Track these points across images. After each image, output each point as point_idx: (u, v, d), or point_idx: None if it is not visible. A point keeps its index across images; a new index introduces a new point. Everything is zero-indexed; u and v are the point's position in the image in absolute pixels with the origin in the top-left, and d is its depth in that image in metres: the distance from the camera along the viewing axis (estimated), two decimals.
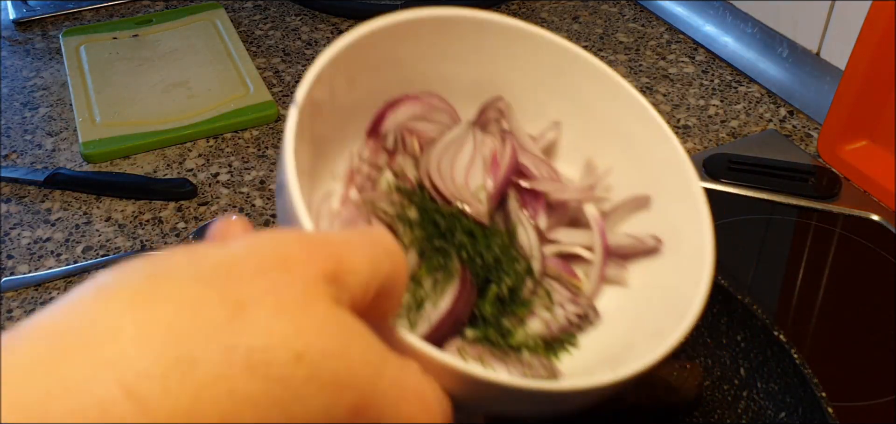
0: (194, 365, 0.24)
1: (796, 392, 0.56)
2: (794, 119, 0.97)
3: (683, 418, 0.61)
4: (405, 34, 0.44)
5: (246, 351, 0.24)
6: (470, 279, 0.43)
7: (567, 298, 0.46)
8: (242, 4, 1.22)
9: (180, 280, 0.26)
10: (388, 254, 0.31)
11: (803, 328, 0.71)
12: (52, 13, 1.18)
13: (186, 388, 0.23)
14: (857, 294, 0.74)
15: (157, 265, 0.26)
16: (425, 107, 0.47)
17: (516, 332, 0.44)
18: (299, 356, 0.25)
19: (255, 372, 0.24)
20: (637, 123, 0.46)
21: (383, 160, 0.47)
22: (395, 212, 0.45)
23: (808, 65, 0.98)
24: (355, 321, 0.29)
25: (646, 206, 0.47)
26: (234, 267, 0.27)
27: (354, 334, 0.28)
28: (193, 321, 0.24)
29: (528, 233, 0.46)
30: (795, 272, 0.76)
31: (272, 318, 0.25)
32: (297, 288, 0.27)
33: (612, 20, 1.18)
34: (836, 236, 0.80)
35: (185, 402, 0.23)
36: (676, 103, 1.00)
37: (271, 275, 0.27)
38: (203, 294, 0.25)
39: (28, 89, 1.03)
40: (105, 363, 0.23)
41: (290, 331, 0.26)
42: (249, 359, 0.24)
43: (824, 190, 0.84)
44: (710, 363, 0.63)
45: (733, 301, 0.61)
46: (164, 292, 0.25)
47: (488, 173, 0.46)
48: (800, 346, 0.57)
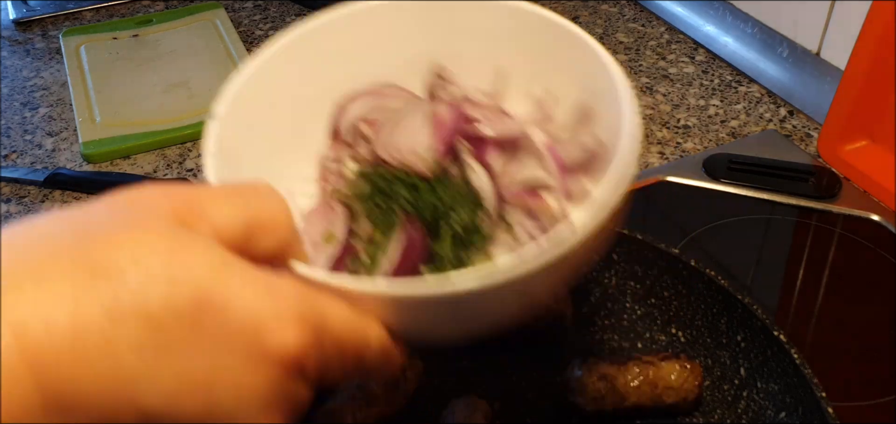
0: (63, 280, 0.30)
1: (796, 392, 0.56)
2: (794, 119, 0.97)
3: (683, 418, 0.61)
4: (344, 27, 0.50)
5: (93, 263, 0.30)
6: (417, 226, 0.47)
7: (531, 223, 0.49)
8: (242, 4, 1.22)
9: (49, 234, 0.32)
10: (257, 195, 0.36)
11: (803, 328, 0.71)
12: (52, 13, 1.18)
13: (66, 304, 0.30)
14: (857, 294, 0.74)
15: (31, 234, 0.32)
16: (376, 97, 0.52)
17: (478, 261, 0.48)
18: (135, 260, 0.31)
19: (104, 277, 0.30)
20: (571, 50, 0.49)
21: (346, 154, 0.52)
22: (353, 192, 0.50)
23: (808, 65, 0.98)
24: (202, 238, 0.33)
25: (591, 116, 0.49)
26: (92, 212, 0.34)
27: (194, 244, 0.33)
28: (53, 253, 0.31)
29: (479, 174, 0.50)
30: (795, 272, 0.76)
31: (117, 238, 0.31)
32: (143, 216, 0.33)
33: (612, 20, 1.18)
34: (836, 236, 0.80)
35: (62, 314, 0.30)
36: (676, 103, 1.00)
37: (123, 210, 0.33)
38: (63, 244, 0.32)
39: (28, 89, 1.03)
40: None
41: (130, 243, 0.31)
42: (94, 269, 0.30)
43: (824, 190, 0.84)
44: (710, 363, 0.63)
45: (733, 301, 0.61)
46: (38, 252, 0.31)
47: (437, 132, 0.50)
48: (800, 346, 0.57)
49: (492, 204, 0.49)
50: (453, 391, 0.63)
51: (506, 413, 0.62)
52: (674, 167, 0.88)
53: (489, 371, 0.65)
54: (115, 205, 0.34)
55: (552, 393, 0.63)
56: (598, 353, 0.66)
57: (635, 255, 0.66)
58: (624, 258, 0.66)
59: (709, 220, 0.81)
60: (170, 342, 0.31)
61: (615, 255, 0.67)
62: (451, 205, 0.48)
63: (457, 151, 0.51)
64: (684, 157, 0.91)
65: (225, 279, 0.32)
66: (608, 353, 0.66)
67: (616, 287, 0.67)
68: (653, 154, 0.91)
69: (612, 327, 0.67)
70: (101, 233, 0.32)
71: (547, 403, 0.62)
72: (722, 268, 0.76)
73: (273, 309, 0.33)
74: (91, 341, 0.30)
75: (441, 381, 0.64)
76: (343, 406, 0.57)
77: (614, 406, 0.59)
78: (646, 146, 0.92)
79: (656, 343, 0.65)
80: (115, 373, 0.30)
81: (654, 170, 0.88)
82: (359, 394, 0.58)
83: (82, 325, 0.30)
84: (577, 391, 0.59)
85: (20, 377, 0.29)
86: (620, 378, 0.59)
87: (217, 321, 0.32)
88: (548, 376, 0.64)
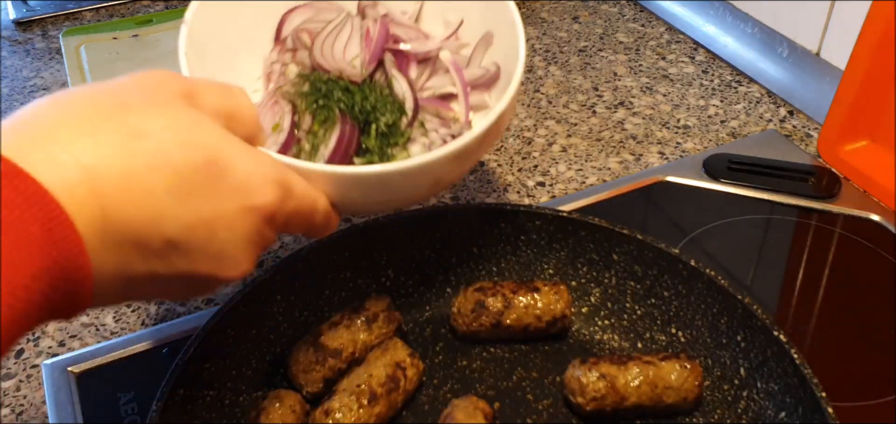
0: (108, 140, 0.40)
1: (796, 392, 0.56)
2: (794, 119, 0.97)
3: (683, 418, 0.61)
4: None
5: (135, 127, 0.41)
6: (350, 122, 0.60)
7: (440, 125, 0.63)
8: None
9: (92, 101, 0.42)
10: (234, 93, 0.49)
11: (803, 328, 0.71)
12: (53, 13, 1.18)
13: (116, 154, 0.40)
14: (857, 294, 0.74)
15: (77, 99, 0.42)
16: (314, 10, 0.65)
17: (399, 155, 0.61)
18: (165, 127, 0.42)
19: (144, 138, 0.41)
20: None
21: (288, 58, 0.65)
22: (295, 91, 0.62)
23: (808, 65, 0.98)
24: (207, 117, 0.45)
25: (491, 42, 0.64)
26: (123, 86, 0.44)
27: (204, 121, 0.44)
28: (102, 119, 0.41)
29: (401, 84, 0.63)
30: (795, 271, 0.76)
31: (148, 109, 0.43)
32: (162, 94, 0.44)
33: (612, 20, 1.18)
34: (836, 236, 0.80)
35: (118, 158, 0.40)
36: (676, 103, 1.00)
37: (147, 88, 0.44)
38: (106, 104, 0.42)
39: (28, 89, 1.03)
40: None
41: (158, 114, 0.43)
42: (137, 131, 0.41)
43: (824, 190, 0.84)
44: (710, 363, 0.63)
45: (733, 301, 0.61)
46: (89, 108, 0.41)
47: (364, 46, 0.64)
48: (800, 346, 0.57)
49: (411, 107, 0.62)
50: (453, 391, 0.63)
51: (506, 413, 0.62)
52: (674, 167, 0.88)
53: (489, 370, 0.65)
54: (143, 83, 0.44)
55: (552, 393, 0.63)
56: (598, 353, 0.66)
57: (635, 255, 0.66)
58: (624, 258, 0.66)
59: (709, 220, 0.81)
60: (190, 189, 0.42)
61: (615, 255, 0.67)
62: (377, 107, 0.61)
63: (383, 61, 0.64)
64: (684, 157, 0.91)
65: (228, 148, 0.44)
66: (608, 353, 0.66)
67: (616, 287, 0.67)
68: (653, 154, 0.91)
69: (612, 327, 0.67)
70: (136, 105, 0.42)
71: (547, 403, 0.62)
72: (722, 268, 0.76)
73: (259, 175, 0.46)
74: (136, 183, 0.40)
75: (441, 381, 0.64)
76: (343, 406, 0.57)
77: (614, 406, 0.59)
78: (646, 146, 0.92)
79: (656, 343, 0.65)
80: (151, 209, 0.41)
81: (654, 170, 0.88)
82: (359, 394, 0.58)
83: (131, 172, 0.40)
84: (577, 391, 0.59)
85: (88, 204, 0.38)
86: (620, 378, 0.59)
87: (221, 179, 0.44)
88: (548, 376, 0.64)
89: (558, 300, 0.65)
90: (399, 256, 0.69)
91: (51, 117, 0.40)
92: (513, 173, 0.89)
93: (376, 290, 0.68)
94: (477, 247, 0.70)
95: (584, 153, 0.91)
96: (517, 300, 0.64)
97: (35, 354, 0.69)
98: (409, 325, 0.68)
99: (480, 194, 0.86)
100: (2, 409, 0.65)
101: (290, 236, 0.79)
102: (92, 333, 0.71)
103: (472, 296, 0.65)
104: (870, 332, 0.70)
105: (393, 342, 0.62)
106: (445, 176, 0.56)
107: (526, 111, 0.98)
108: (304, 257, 0.64)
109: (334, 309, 0.67)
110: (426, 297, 0.69)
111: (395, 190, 0.54)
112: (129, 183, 0.40)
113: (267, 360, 0.63)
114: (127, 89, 0.44)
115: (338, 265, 0.67)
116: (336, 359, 0.61)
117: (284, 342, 0.64)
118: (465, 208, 0.69)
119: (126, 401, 0.63)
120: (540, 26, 1.16)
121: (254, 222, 0.46)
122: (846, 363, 0.67)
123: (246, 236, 0.46)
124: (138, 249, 0.41)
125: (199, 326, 0.58)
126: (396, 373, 0.59)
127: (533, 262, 0.70)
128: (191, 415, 0.57)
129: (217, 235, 0.44)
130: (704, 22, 1.11)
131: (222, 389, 0.60)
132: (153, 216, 0.41)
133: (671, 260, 0.64)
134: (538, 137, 0.94)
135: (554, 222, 0.68)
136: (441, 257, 0.70)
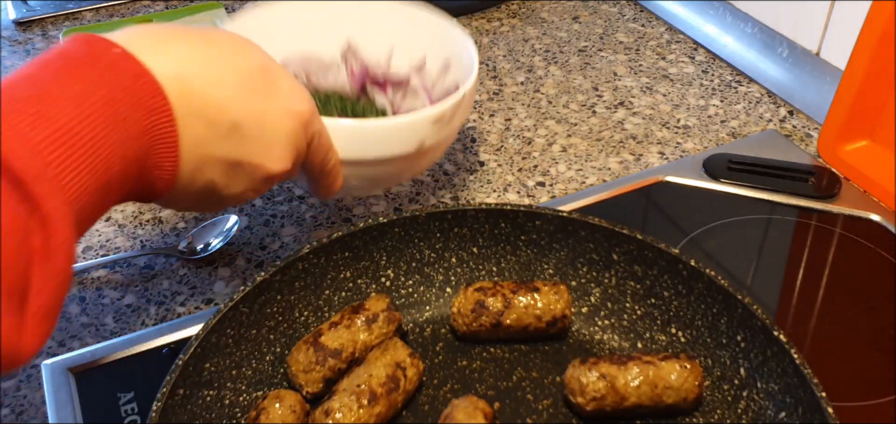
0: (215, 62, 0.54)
1: (796, 392, 0.56)
2: (794, 119, 0.97)
3: (683, 418, 0.61)
4: (292, 10, 0.81)
5: (207, 40, 0.55)
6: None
7: None
8: (242, 4, 1.22)
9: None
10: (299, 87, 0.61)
11: (803, 328, 0.71)
12: (52, 13, 1.18)
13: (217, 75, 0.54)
14: (857, 294, 0.74)
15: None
16: (306, 59, 0.81)
17: None
18: (233, 41, 0.56)
19: (216, 48, 0.54)
20: (437, 28, 0.80)
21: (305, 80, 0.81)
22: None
23: (808, 65, 0.98)
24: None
25: (449, 68, 0.78)
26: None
27: (258, 46, 0.58)
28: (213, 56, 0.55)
29: (382, 98, 0.79)
30: (795, 271, 0.76)
31: (218, 31, 0.58)
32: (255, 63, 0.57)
33: (612, 20, 1.18)
34: (836, 236, 0.80)
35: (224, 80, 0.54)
36: (676, 103, 1.00)
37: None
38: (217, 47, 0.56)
39: None
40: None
41: (227, 34, 0.57)
42: (209, 44, 0.54)
43: (824, 190, 0.84)
44: (710, 363, 0.63)
45: (733, 301, 0.61)
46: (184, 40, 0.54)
47: (351, 77, 0.81)
48: (800, 346, 0.57)
49: (391, 114, 0.79)
50: (453, 391, 0.63)
51: (506, 413, 0.62)
52: (674, 167, 0.88)
53: (489, 370, 0.65)
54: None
55: (552, 393, 0.63)
56: (598, 353, 0.66)
57: (635, 255, 0.66)
58: (624, 258, 0.66)
59: (709, 220, 0.81)
60: (250, 86, 0.54)
61: (615, 255, 0.67)
62: (366, 110, 0.78)
63: (366, 89, 0.81)
64: (684, 157, 0.91)
65: (277, 67, 0.58)
66: (608, 353, 0.66)
67: (616, 287, 0.67)
68: (653, 154, 0.91)
69: (612, 327, 0.67)
70: (209, 30, 0.56)
71: (547, 403, 0.62)
72: (722, 268, 0.76)
73: (299, 89, 0.58)
74: (212, 73, 0.53)
75: (441, 381, 0.64)
76: (343, 406, 0.57)
77: (614, 406, 0.59)
78: (646, 146, 0.92)
79: (656, 343, 0.65)
80: (224, 98, 0.53)
81: (654, 170, 0.88)
82: (359, 394, 0.58)
83: (209, 65, 0.53)
84: (577, 391, 0.59)
85: (178, 84, 0.50)
86: (620, 378, 0.59)
87: (272, 84, 0.56)
88: (548, 376, 0.64)
89: (558, 300, 0.65)
90: (399, 256, 0.69)
91: (150, 31, 0.52)
92: (513, 173, 0.89)
93: (376, 290, 0.68)
94: (477, 247, 0.70)
95: (584, 153, 0.91)
96: (517, 300, 0.65)
97: None
98: (409, 325, 0.68)
99: (480, 194, 0.86)
100: (2, 409, 0.65)
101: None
102: (92, 333, 0.71)
103: (472, 296, 0.65)
104: (870, 332, 0.70)
105: (393, 342, 0.62)
106: (427, 140, 0.68)
107: (526, 111, 0.98)
108: (304, 257, 0.64)
109: (334, 309, 0.67)
110: (426, 297, 0.69)
111: (386, 146, 0.66)
112: (206, 73, 0.52)
113: (267, 360, 0.63)
114: (197, 27, 0.58)
115: (338, 265, 0.67)
116: (336, 359, 0.61)
117: (284, 342, 0.64)
118: (465, 208, 0.69)
119: (126, 401, 0.63)
120: (540, 26, 1.16)
121: (293, 124, 0.57)
122: (846, 363, 0.67)
123: (286, 134, 0.56)
124: (211, 127, 0.52)
125: (199, 326, 0.58)
126: (396, 373, 0.59)
127: (533, 262, 0.70)
128: (191, 415, 0.57)
129: (266, 126, 0.55)
130: (704, 22, 1.11)
131: (222, 389, 0.60)
132: (223, 100, 0.53)
133: (671, 260, 0.64)
134: (538, 137, 0.94)
135: (554, 222, 0.68)
136: (441, 257, 0.70)
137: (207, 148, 0.53)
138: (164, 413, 0.53)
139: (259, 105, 0.55)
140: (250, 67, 0.55)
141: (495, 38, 1.14)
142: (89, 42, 0.47)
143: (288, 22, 0.80)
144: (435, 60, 0.79)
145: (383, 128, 0.67)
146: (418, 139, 0.67)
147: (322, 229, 0.81)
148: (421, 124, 0.67)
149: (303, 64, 0.80)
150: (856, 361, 0.68)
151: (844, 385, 0.65)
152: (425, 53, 0.80)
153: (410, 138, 0.67)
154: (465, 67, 0.74)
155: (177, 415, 0.55)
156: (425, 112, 0.67)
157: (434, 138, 0.69)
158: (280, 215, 0.83)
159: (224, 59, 0.54)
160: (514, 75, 1.06)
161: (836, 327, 0.71)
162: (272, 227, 0.82)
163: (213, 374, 0.59)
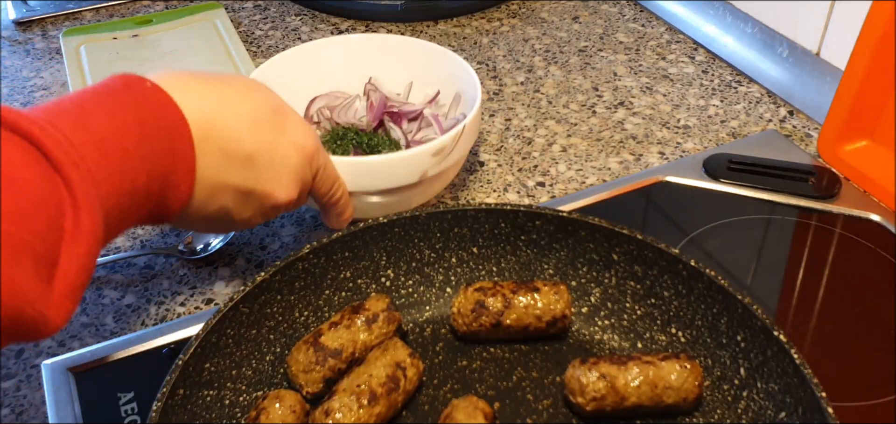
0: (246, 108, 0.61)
1: (796, 392, 0.56)
2: (794, 119, 0.97)
3: (683, 418, 0.61)
4: (316, 51, 0.88)
5: (227, 83, 0.61)
6: (360, 152, 0.82)
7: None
8: (242, 4, 1.22)
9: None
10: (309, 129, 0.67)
11: (803, 328, 0.71)
12: (52, 13, 1.18)
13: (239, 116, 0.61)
14: (857, 294, 0.74)
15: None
16: (332, 97, 0.88)
17: None
18: (247, 84, 0.64)
19: (237, 91, 0.62)
20: (447, 64, 0.86)
21: (314, 129, 0.82)
22: (321, 138, 0.83)
23: (808, 65, 0.98)
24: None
25: (460, 101, 0.84)
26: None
27: (270, 89, 0.65)
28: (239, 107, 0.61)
29: (397, 131, 0.85)
30: (795, 271, 0.76)
31: (235, 75, 0.65)
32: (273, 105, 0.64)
33: (612, 20, 1.18)
34: (836, 236, 0.80)
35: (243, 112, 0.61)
36: (676, 103, 1.00)
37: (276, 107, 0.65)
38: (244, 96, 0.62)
39: (28, 89, 1.04)
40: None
41: (242, 78, 0.65)
42: (230, 88, 0.61)
43: (824, 190, 0.84)
44: (710, 363, 0.63)
45: (733, 301, 0.61)
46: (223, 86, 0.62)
47: (369, 111, 0.87)
48: (800, 346, 0.57)
49: (404, 146, 0.84)
50: (453, 391, 0.63)
51: (506, 413, 0.62)
52: (674, 167, 0.88)
53: (489, 370, 0.65)
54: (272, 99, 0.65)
55: (552, 393, 0.63)
56: (598, 353, 0.66)
57: (635, 255, 0.66)
58: (624, 258, 0.66)
59: (709, 220, 0.81)
60: (262, 122, 0.61)
61: (615, 255, 0.67)
62: (380, 144, 0.83)
63: (383, 122, 0.86)
64: (684, 157, 0.91)
65: (286, 107, 0.64)
66: (608, 353, 0.66)
67: (616, 287, 0.67)
68: (653, 154, 0.91)
69: (612, 327, 0.67)
70: (220, 74, 0.63)
71: (547, 403, 0.62)
72: (722, 268, 0.76)
73: (306, 128, 0.64)
74: (229, 110, 0.59)
75: (441, 381, 0.64)
76: (343, 406, 0.57)
77: (614, 406, 0.59)
78: (646, 146, 0.93)
79: (656, 343, 0.65)
80: (239, 131, 0.59)
81: (654, 170, 0.88)
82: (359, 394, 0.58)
83: (226, 104, 0.59)
84: (577, 391, 0.59)
85: (199, 120, 0.57)
86: (620, 378, 0.59)
87: (282, 122, 0.62)
88: (548, 376, 0.64)
89: (558, 300, 0.65)
90: (399, 256, 0.69)
91: (178, 74, 0.58)
92: (513, 173, 0.89)
93: (376, 290, 0.68)
94: (477, 247, 0.70)
95: (584, 153, 0.91)
96: (517, 300, 0.65)
97: (35, 354, 0.69)
98: (409, 325, 0.68)
99: (480, 194, 0.86)
100: (2, 409, 0.65)
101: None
102: (92, 333, 0.71)
103: (472, 296, 0.65)
104: (870, 332, 0.70)
105: (393, 342, 0.62)
106: (430, 171, 0.73)
107: (526, 111, 0.98)
108: (304, 257, 0.64)
109: (334, 309, 0.67)
110: (426, 297, 0.69)
111: (390, 178, 0.72)
112: (225, 110, 0.59)
113: (267, 360, 0.63)
114: (217, 72, 0.64)
115: (338, 265, 0.67)
116: (336, 359, 0.61)
117: (284, 342, 0.64)
118: (465, 208, 0.69)
119: (126, 401, 0.63)
120: (540, 26, 1.16)
121: (299, 158, 0.62)
122: (846, 363, 0.67)
123: (294, 167, 0.62)
124: (227, 157, 0.58)
125: (199, 326, 0.58)
126: (396, 373, 0.59)
127: (533, 262, 0.70)
128: (191, 415, 0.57)
129: (276, 159, 0.61)
130: (704, 22, 1.11)
131: (222, 389, 0.60)
132: (238, 134, 0.59)
133: (671, 260, 0.64)
134: (538, 138, 0.94)
135: (554, 222, 0.68)
136: (441, 257, 0.70)
137: (222, 175, 0.59)
138: (164, 413, 0.53)
139: (270, 139, 0.61)
140: (263, 105, 0.61)
141: (495, 39, 1.14)
142: (126, 77, 0.55)
143: (316, 60, 0.87)
144: (447, 93, 0.86)
145: (386, 162, 0.72)
146: (421, 171, 0.73)
147: (322, 230, 0.81)
148: (422, 157, 0.72)
149: (328, 100, 0.87)
150: (856, 361, 0.68)
151: (844, 384, 0.65)
152: (439, 86, 0.87)
153: (413, 171, 0.72)
154: (470, 99, 0.80)
155: (177, 415, 0.55)
156: (425, 146, 0.72)
157: (437, 169, 0.74)
158: (280, 215, 0.83)
159: (240, 97, 0.60)
160: (514, 75, 1.06)
161: (836, 327, 0.71)
162: (272, 227, 0.82)
163: (213, 374, 0.59)
